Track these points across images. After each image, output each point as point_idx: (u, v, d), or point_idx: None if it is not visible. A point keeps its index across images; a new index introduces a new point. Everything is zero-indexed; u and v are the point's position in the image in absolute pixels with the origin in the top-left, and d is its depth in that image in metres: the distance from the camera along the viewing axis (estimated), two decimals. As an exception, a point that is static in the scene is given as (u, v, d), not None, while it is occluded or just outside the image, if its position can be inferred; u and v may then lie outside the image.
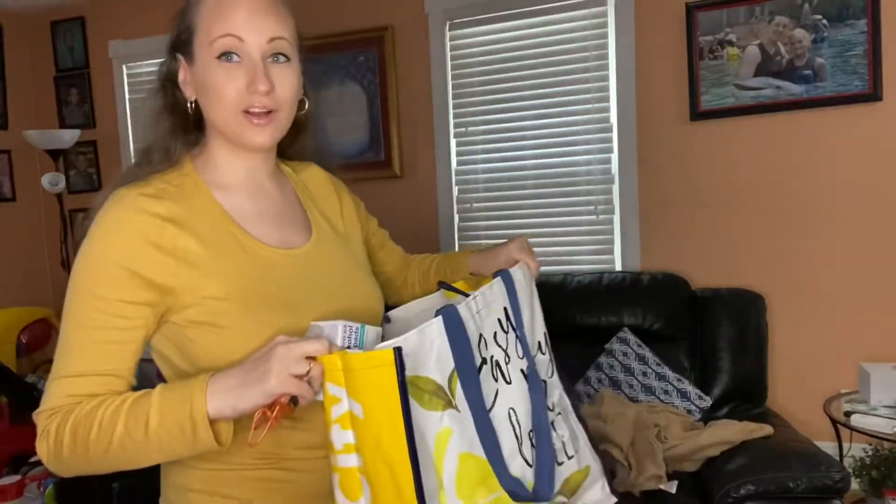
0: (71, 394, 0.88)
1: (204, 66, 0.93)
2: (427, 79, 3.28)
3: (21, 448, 3.25)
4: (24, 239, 4.11)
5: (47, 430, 0.88)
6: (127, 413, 0.85)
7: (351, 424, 0.81)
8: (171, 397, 0.84)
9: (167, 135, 0.98)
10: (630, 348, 2.55)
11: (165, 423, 0.83)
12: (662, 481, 2.03)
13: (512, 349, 0.95)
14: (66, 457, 0.87)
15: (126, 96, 3.92)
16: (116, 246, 0.88)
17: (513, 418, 0.90)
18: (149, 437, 0.84)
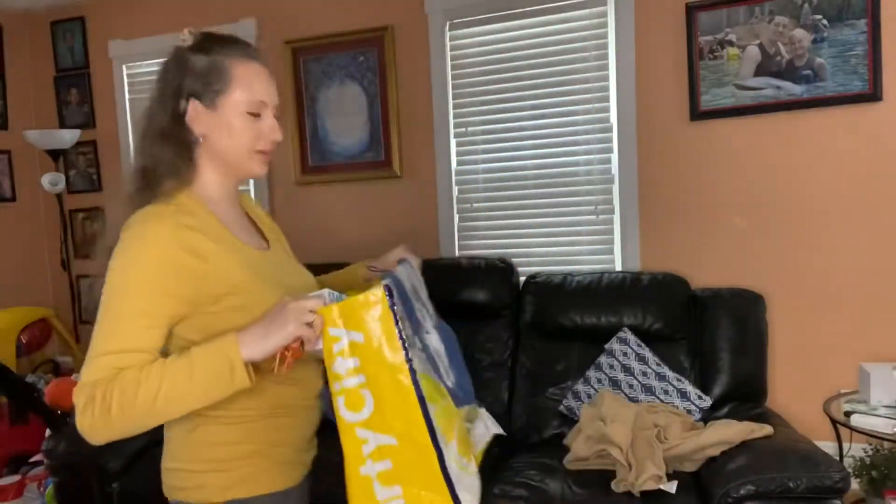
0: (115, 366, 1.07)
1: (231, 116, 1.21)
2: (427, 79, 3.28)
3: (21, 448, 3.25)
4: (24, 239, 4.11)
5: (92, 398, 1.05)
6: (170, 370, 1.07)
7: (353, 352, 1.12)
8: (207, 351, 1.09)
9: (176, 158, 1.21)
10: (630, 348, 2.55)
11: (207, 371, 1.07)
12: (662, 481, 2.03)
13: (422, 312, 1.34)
14: (113, 417, 1.04)
15: (126, 96, 3.92)
16: (161, 251, 1.11)
17: (437, 356, 1.28)
18: (192, 385, 1.07)
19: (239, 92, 1.20)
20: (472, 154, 3.26)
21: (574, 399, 2.55)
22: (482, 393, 2.78)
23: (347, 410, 1.14)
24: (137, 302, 1.10)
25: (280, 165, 3.58)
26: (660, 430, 2.21)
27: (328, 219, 3.53)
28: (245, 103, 1.21)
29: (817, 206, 2.77)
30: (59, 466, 2.50)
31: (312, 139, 3.50)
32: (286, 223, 3.73)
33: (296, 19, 3.49)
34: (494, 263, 2.92)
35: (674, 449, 2.15)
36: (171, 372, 1.07)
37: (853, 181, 2.71)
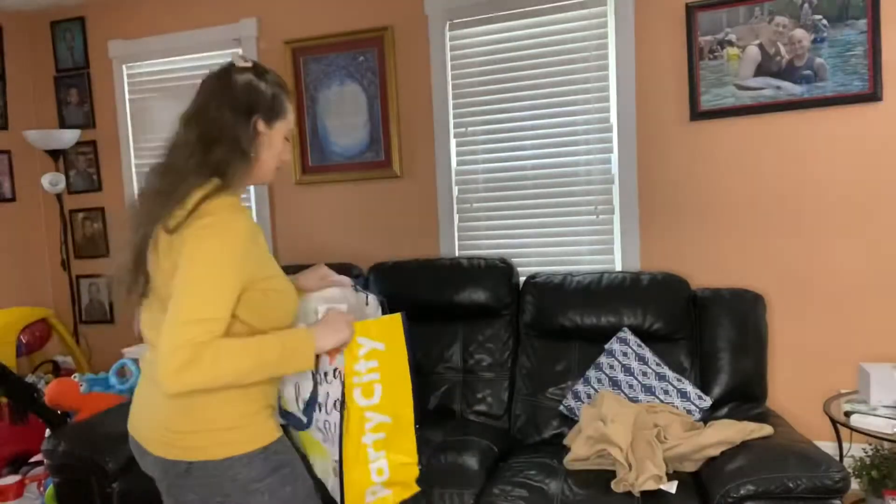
0: (210, 331, 1.30)
1: (275, 137, 1.53)
2: (427, 79, 3.28)
3: (21, 448, 3.25)
4: (24, 239, 4.11)
5: (199, 357, 1.28)
6: (266, 346, 1.38)
7: (373, 357, 1.60)
8: (293, 337, 1.44)
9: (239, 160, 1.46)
10: (630, 348, 2.55)
11: (291, 352, 1.42)
12: (662, 481, 2.03)
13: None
14: (216, 375, 1.31)
15: (126, 96, 3.92)
16: (243, 239, 1.38)
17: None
18: (279, 360, 1.40)
19: (286, 122, 1.54)
20: (472, 154, 3.26)
21: (574, 399, 2.55)
22: (483, 392, 2.78)
23: (362, 397, 1.62)
24: (226, 280, 1.34)
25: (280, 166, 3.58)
26: (659, 430, 2.21)
27: (328, 218, 3.53)
28: (286, 130, 1.55)
29: (817, 205, 2.77)
30: (59, 466, 2.49)
31: (312, 139, 3.50)
32: (286, 223, 3.75)
33: (296, 19, 3.49)
34: (494, 263, 2.92)
35: (674, 449, 2.15)
36: (267, 347, 1.38)
37: (853, 181, 2.71)
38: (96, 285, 4.11)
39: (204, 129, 1.45)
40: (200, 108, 1.48)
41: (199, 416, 1.41)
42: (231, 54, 3.46)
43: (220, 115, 1.45)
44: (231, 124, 1.44)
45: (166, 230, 1.37)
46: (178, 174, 1.43)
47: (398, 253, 3.32)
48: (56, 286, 4.20)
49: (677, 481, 2.06)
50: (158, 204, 1.41)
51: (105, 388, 3.35)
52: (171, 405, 1.41)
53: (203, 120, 1.46)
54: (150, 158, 3.89)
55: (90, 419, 2.67)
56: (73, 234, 4.12)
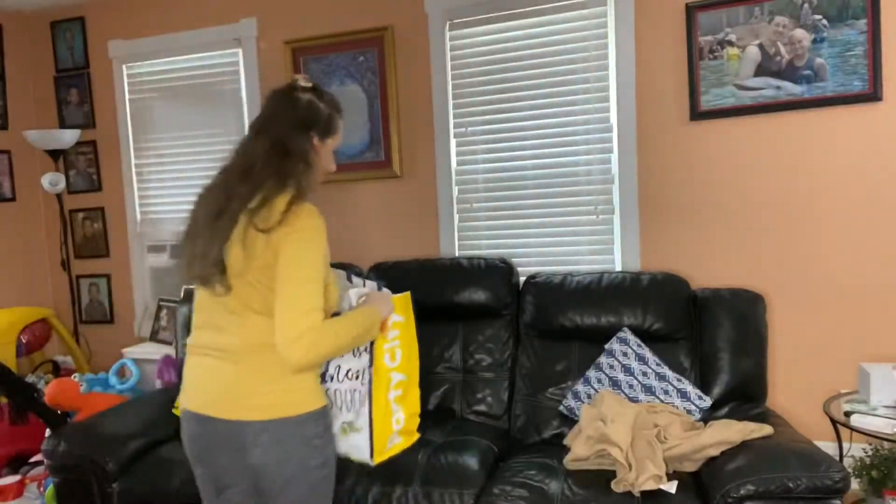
0: (322, 317, 1.57)
1: (325, 151, 1.79)
2: (427, 79, 3.28)
3: (21, 448, 3.25)
4: (24, 239, 4.11)
5: (317, 342, 1.55)
6: (355, 323, 1.69)
7: (397, 326, 1.96)
8: (365, 312, 1.75)
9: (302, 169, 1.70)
10: (630, 348, 2.55)
11: (370, 326, 1.74)
12: (662, 481, 2.03)
13: None
14: (330, 352, 1.60)
15: (126, 96, 3.92)
16: (325, 240, 1.65)
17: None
18: (364, 333, 1.72)
19: (335, 139, 1.79)
20: (472, 154, 3.26)
21: (574, 399, 2.55)
22: (482, 392, 2.78)
23: (389, 360, 1.94)
24: (321, 276, 1.60)
25: (280, 165, 3.58)
26: (659, 430, 2.21)
27: (328, 219, 3.51)
28: (335, 145, 1.81)
29: (817, 205, 2.77)
30: (59, 466, 2.50)
31: (312, 139, 3.50)
32: (286, 223, 3.73)
33: (296, 19, 3.49)
34: (494, 263, 2.92)
35: (674, 449, 2.15)
36: (357, 323, 1.69)
37: (853, 181, 2.71)
38: (96, 285, 4.12)
39: (275, 140, 1.67)
40: (267, 121, 1.71)
41: (293, 379, 1.65)
42: (230, 52, 3.47)
43: (286, 129, 1.68)
44: (297, 140, 1.69)
45: (257, 229, 1.58)
46: (257, 179, 1.64)
47: (398, 253, 3.32)
48: (56, 286, 4.20)
49: (677, 481, 2.06)
50: (240, 203, 1.62)
51: (105, 388, 3.36)
52: (248, 372, 1.64)
53: (272, 132, 1.68)
54: (151, 158, 3.92)
55: (90, 419, 2.68)
56: (73, 234, 4.12)
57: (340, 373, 1.97)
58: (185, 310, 3.22)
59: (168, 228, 3.91)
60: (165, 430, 2.73)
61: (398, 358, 2.00)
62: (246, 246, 1.60)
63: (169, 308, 3.77)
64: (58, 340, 3.94)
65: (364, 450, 1.93)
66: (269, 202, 1.61)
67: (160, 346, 3.72)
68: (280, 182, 1.64)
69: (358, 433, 1.94)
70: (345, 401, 1.95)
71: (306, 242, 1.60)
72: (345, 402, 1.95)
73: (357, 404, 1.95)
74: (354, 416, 1.95)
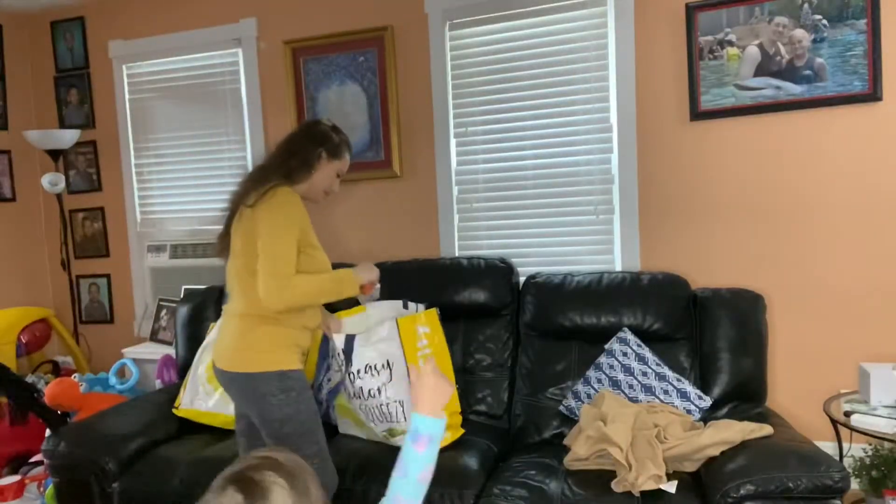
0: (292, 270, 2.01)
1: (329, 170, 2.23)
2: (427, 79, 3.28)
3: (21, 448, 3.25)
4: (24, 239, 4.11)
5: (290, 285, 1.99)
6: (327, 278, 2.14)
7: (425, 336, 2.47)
8: (342, 273, 2.16)
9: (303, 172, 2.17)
10: (630, 348, 2.55)
11: (341, 282, 2.15)
12: (662, 481, 2.03)
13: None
14: (299, 299, 2.04)
15: (126, 96, 3.92)
16: (298, 215, 2.07)
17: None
18: (338, 286, 2.15)
19: (339, 162, 2.24)
20: (472, 154, 3.26)
21: (574, 399, 2.55)
22: (482, 392, 2.78)
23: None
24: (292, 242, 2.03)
25: (280, 165, 3.58)
26: (659, 430, 2.21)
27: (328, 219, 3.53)
28: (339, 168, 2.25)
29: (817, 205, 2.77)
30: (59, 466, 2.50)
31: (312, 139, 3.50)
32: (286, 223, 3.71)
33: (296, 19, 3.49)
34: (494, 263, 2.92)
35: (674, 449, 2.15)
36: (327, 279, 2.13)
37: (853, 181, 2.71)
38: (96, 285, 4.12)
39: (288, 147, 2.19)
40: (291, 136, 2.24)
41: (249, 339, 2.04)
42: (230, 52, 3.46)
43: (300, 140, 2.20)
44: (306, 148, 2.17)
45: (246, 206, 2.04)
46: (264, 173, 2.13)
47: (398, 253, 3.32)
48: (56, 286, 4.20)
49: (677, 481, 2.06)
50: (244, 191, 2.10)
51: (105, 388, 3.35)
52: (235, 331, 2.07)
53: (290, 143, 2.21)
54: (151, 158, 3.92)
55: (90, 419, 2.68)
56: (73, 234, 4.12)
57: (364, 392, 2.38)
58: (185, 310, 3.22)
59: (168, 228, 3.91)
60: (165, 430, 2.73)
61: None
62: (241, 221, 2.07)
63: (169, 308, 3.77)
64: (58, 340, 3.94)
65: None
66: (261, 187, 2.06)
67: (160, 346, 3.72)
68: (278, 175, 2.11)
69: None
70: (375, 415, 2.40)
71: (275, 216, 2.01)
72: (375, 416, 2.40)
73: (391, 415, 2.37)
74: (394, 424, 2.37)
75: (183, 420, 2.80)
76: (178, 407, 2.84)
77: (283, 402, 2.01)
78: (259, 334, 2.04)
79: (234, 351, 2.06)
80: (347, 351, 2.42)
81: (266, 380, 2.01)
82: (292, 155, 2.16)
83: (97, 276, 4.11)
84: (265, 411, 2.02)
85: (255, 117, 3.61)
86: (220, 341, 2.14)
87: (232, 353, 2.06)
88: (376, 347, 2.42)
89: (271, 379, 2.01)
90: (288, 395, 2.01)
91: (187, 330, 3.17)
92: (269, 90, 3.58)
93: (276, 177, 2.09)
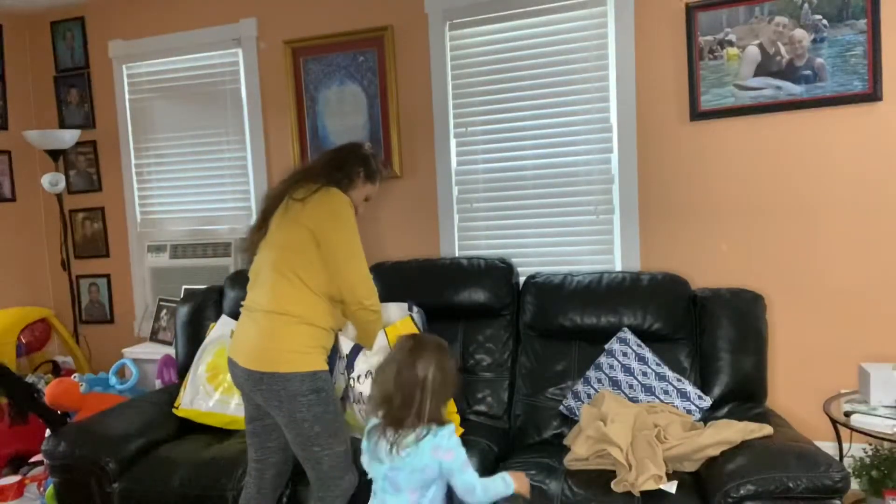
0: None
1: (363, 191, 2.35)
2: (427, 79, 3.28)
3: (21, 448, 3.25)
4: (24, 239, 4.11)
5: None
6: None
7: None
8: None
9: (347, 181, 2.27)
10: (630, 348, 2.55)
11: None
12: (662, 481, 2.03)
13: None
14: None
15: (126, 96, 3.92)
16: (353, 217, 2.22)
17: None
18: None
19: (371, 186, 2.36)
20: (472, 154, 3.26)
21: (574, 399, 2.55)
22: (482, 392, 2.78)
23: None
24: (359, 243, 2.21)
25: (280, 165, 3.58)
26: (659, 430, 2.21)
27: (328, 219, 3.53)
28: (368, 192, 2.37)
29: (817, 206, 2.77)
30: (59, 466, 2.50)
31: (312, 139, 3.50)
32: (286, 223, 3.70)
33: (296, 19, 3.49)
34: (494, 263, 2.92)
35: (674, 449, 2.15)
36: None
37: (853, 181, 2.71)
38: (96, 285, 4.11)
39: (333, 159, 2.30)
40: (337, 151, 2.37)
41: (282, 338, 2.03)
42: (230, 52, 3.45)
43: (346, 157, 2.31)
44: (350, 164, 2.28)
45: (294, 199, 2.13)
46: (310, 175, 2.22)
47: (398, 253, 3.32)
48: (56, 286, 4.20)
49: (677, 481, 2.06)
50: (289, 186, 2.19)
51: (105, 388, 3.35)
52: (266, 329, 2.05)
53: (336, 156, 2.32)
54: (151, 158, 3.91)
55: (90, 419, 2.68)
56: (73, 234, 4.12)
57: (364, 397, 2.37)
58: (185, 310, 3.22)
59: (168, 228, 3.91)
60: (165, 431, 2.73)
61: None
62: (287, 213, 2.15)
63: (169, 308, 3.77)
64: (58, 340, 3.94)
65: None
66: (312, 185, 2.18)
67: (160, 346, 3.72)
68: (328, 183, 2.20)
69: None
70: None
71: (339, 220, 2.18)
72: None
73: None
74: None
75: (183, 420, 2.80)
76: (178, 407, 2.84)
77: (314, 402, 2.02)
78: (292, 333, 2.03)
79: (266, 351, 2.03)
80: (351, 357, 2.43)
81: (299, 380, 2.00)
82: (338, 168, 2.24)
83: (97, 276, 4.10)
84: (296, 411, 2.01)
85: (255, 117, 3.61)
86: (247, 340, 2.08)
87: (263, 352, 2.03)
88: (374, 358, 2.40)
89: (304, 379, 2.01)
90: (318, 395, 2.03)
91: (187, 330, 3.17)
92: (269, 90, 3.58)
93: (322, 180, 2.16)
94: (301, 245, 2.07)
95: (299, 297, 2.06)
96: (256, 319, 2.08)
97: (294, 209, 2.10)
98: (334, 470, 2.09)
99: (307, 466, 2.11)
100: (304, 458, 2.10)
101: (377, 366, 2.02)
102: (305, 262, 2.07)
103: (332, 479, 2.10)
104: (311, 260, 2.07)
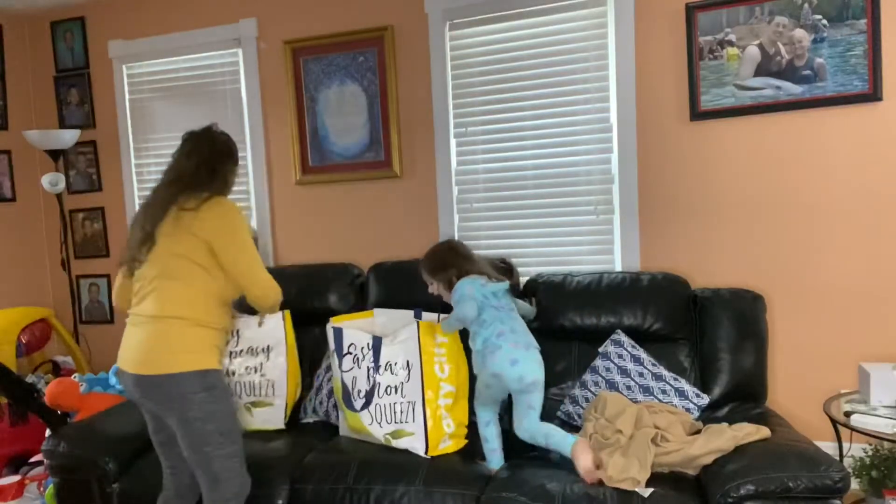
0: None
1: (235, 175, 2.36)
2: (427, 79, 3.28)
3: (21, 448, 3.25)
4: (24, 239, 4.11)
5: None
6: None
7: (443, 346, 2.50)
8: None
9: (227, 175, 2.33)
10: (625, 350, 2.55)
11: None
12: (640, 486, 2.02)
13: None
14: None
15: (126, 96, 3.92)
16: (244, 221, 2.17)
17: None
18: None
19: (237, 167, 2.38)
20: (472, 154, 3.26)
21: (572, 404, 2.55)
22: (482, 393, 2.78)
23: (439, 371, 2.43)
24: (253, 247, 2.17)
25: (280, 165, 3.58)
26: (658, 433, 2.20)
27: (328, 219, 3.53)
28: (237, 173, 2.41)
29: (817, 205, 2.77)
30: (59, 466, 2.50)
31: (312, 139, 3.50)
32: (286, 223, 3.75)
33: (296, 19, 3.49)
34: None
35: (665, 457, 2.13)
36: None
37: (853, 181, 2.71)
38: (96, 285, 4.11)
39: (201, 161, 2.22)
40: (197, 151, 2.25)
41: (172, 342, 2.03)
42: (230, 52, 3.45)
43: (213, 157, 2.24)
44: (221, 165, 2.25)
45: (182, 209, 2.09)
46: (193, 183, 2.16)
47: (398, 253, 3.32)
48: (56, 286, 4.20)
49: (652, 489, 2.02)
50: (173, 196, 2.15)
51: (105, 388, 3.35)
52: (155, 335, 2.04)
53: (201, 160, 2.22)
54: (151, 158, 3.91)
55: (90, 419, 2.68)
56: (73, 234, 4.12)
57: (381, 389, 2.43)
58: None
59: (168, 228, 3.90)
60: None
61: (447, 371, 2.45)
62: (176, 224, 2.10)
63: (169, 308, 3.77)
64: (58, 340, 3.94)
65: (419, 449, 2.37)
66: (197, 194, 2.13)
67: (160, 346, 3.71)
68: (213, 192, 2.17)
69: (411, 437, 2.39)
70: (385, 414, 2.43)
71: (234, 222, 2.15)
72: (385, 415, 2.43)
73: (400, 415, 2.41)
74: (401, 426, 2.40)
75: (183, 420, 2.80)
76: (178, 407, 2.83)
77: (206, 400, 2.02)
78: (184, 336, 2.04)
79: (155, 353, 2.02)
80: (376, 348, 2.48)
81: (188, 379, 2.01)
82: (212, 172, 2.20)
83: (97, 276, 4.10)
84: (187, 410, 2.01)
85: (255, 117, 3.61)
86: (136, 346, 2.06)
87: (152, 356, 2.02)
88: (399, 347, 2.47)
89: (193, 378, 2.02)
90: (210, 392, 2.04)
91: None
92: (269, 90, 3.58)
93: (206, 191, 2.14)
94: (194, 253, 2.07)
95: (191, 300, 2.06)
96: (144, 326, 2.07)
97: (185, 219, 2.08)
98: (225, 472, 2.08)
99: (199, 471, 2.09)
100: (196, 462, 2.08)
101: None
102: (199, 268, 2.07)
103: (224, 480, 2.08)
104: (204, 266, 2.08)
